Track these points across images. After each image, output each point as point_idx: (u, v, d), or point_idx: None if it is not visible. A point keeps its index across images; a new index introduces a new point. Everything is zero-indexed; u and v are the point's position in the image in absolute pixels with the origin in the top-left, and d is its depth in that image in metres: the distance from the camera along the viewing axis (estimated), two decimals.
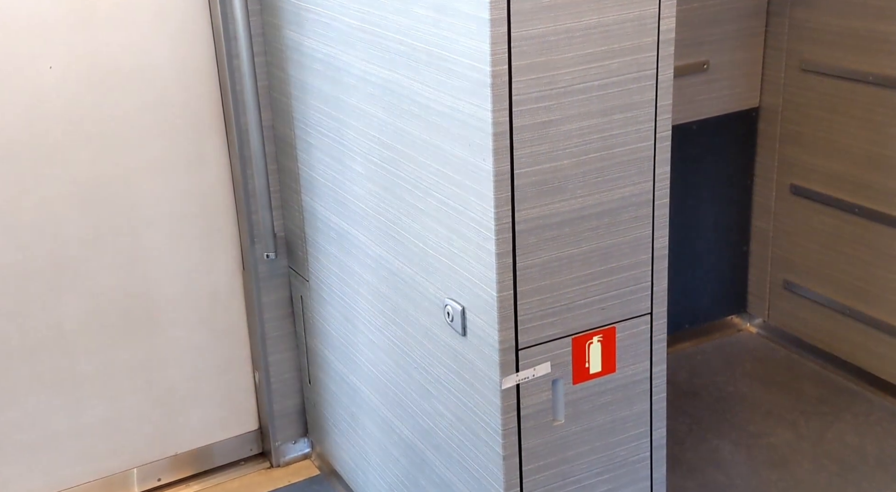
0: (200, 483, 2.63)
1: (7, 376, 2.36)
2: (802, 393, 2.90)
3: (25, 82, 2.21)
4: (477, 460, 1.83)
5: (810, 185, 2.96)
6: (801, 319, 3.09)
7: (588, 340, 1.75)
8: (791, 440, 2.68)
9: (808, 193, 2.97)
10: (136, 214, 2.40)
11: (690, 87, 2.93)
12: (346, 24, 1.95)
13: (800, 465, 2.58)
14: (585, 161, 1.65)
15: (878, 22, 2.65)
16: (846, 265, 2.91)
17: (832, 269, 2.95)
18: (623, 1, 1.61)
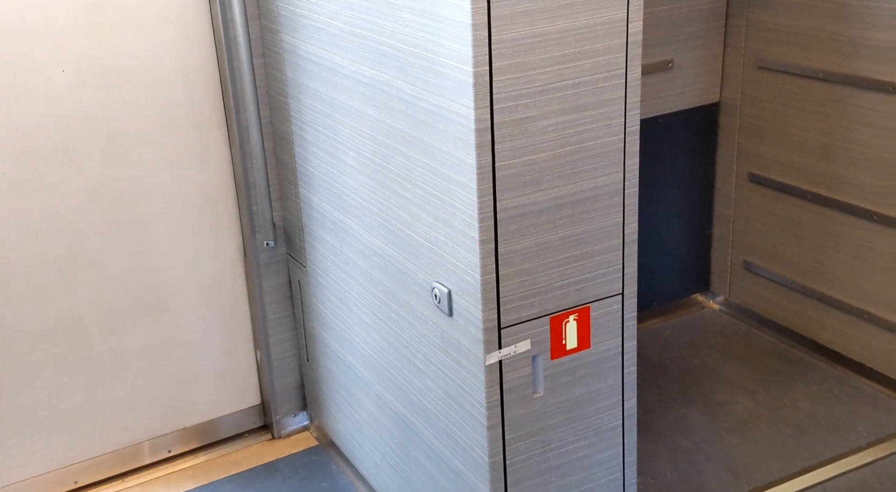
0: (207, 454, 2.64)
1: (28, 357, 2.36)
2: (761, 364, 2.93)
3: (40, 84, 2.19)
4: (463, 430, 1.84)
5: (767, 173, 2.98)
6: (760, 296, 3.12)
7: (565, 318, 1.76)
8: (751, 407, 2.71)
9: (764, 181, 2.99)
10: (144, 206, 2.40)
11: (656, 84, 2.93)
12: (338, 28, 1.94)
13: (759, 429, 2.61)
14: (561, 154, 1.66)
15: (828, 22, 2.66)
16: (800, 247, 2.92)
17: (787, 250, 2.97)
18: (594, 6, 1.61)
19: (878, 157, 2.62)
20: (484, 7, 1.50)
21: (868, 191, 2.67)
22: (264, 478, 2.53)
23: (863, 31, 2.57)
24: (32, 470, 2.45)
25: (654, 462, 2.48)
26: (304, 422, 2.74)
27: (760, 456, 2.50)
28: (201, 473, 2.56)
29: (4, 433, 2.39)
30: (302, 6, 2.07)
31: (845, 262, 2.79)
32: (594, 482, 1.91)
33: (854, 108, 2.66)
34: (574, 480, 1.88)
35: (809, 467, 2.45)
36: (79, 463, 2.50)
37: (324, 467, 2.56)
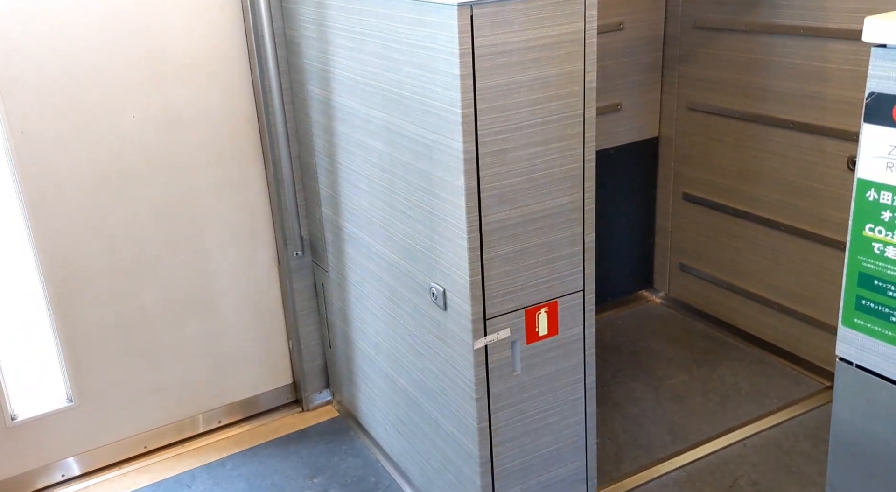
0: (250, 424, 2.61)
1: (105, 346, 2.33)
2: (694, 346, 2.92)
3: (115, 127, 2.17)
4: (456, 402, 1.82)
5: (696, 192, 2.98)
6: (692, 291, 3.11)
7: (537, 311, 1.75)
8: (686, 381, 2.70)
9: (695, 198, 2.99)
10: (197, 224, 2.38)
11: (608, 123, 2.93)
12: (352, 79, 1.93)
13: (693, 399, 2.60)
14: (532, 178, 1.65)
15: (743, 74, 2.67)
16: (723, 251, 2.93)
17: (713, 254, 2.97)
18: (557, 61, 1.61)
19: (783, 179, 2.63)
20: (469, 62, 1.50)
21: (775, 206, 2.68)
22: (296, 443, 2.50)
23: (770, 80, 2.59)
24: (110, 437, 2.42)
25: (610, 426, 2.47)
26: (327, 397, 2.71)
27: (695, 420, 2.49)
28: (245, 439, 2.53)
29: (88, 408, 2.35)
30: (323, 62, 2.06)
31: (758, 262, 2.79)
32: (563, 443, 1.89)
33: (763, 141, 2.67)
34: (546, 440, 1.86)
35: (733, 427, 2.44)
36: (147, 432, 2.47)
37: (344, 434, 2.53)
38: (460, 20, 1.46)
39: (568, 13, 1.59)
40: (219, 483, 2.32)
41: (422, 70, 1.61)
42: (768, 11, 2.53)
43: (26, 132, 2.07)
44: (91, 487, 2.35)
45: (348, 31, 1.88)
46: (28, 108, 2.05)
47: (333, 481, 2.30)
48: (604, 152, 2.95)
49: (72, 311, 2.25)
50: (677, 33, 2.89)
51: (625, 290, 3.25)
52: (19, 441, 2.28)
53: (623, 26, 2.85)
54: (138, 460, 2.44)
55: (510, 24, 1.52)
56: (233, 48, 2.28)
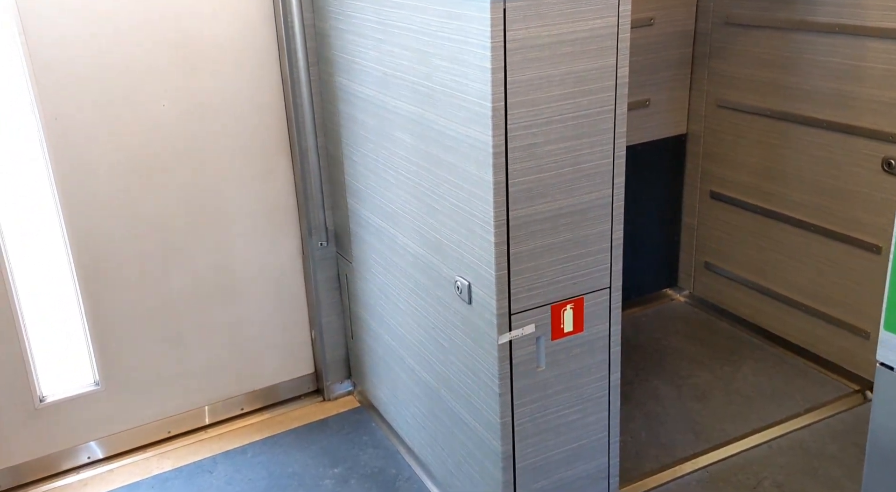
0: (271, 412, 2.62)
1: (132, 331, 2.35)
2: (717, 346, 2.89)
3: (146, 116, 2.19)
4: (479, 396, 1.81)
5: (723, 191, 2.94)
6: (717, 290, 3.08)
7: (563, 307, 1.73)
8: (709, 380, 2.67)
9: (722, 197, 2.95)
10: (224, 212, 2.39)
11: (636, 118, 2.90)
12: (381, 72, 1.92)
13: (715, 398, 2.57)
14: (562, 173, 1.63)
15: (773, 72, 2.63)
16: (750, 250, 2.89)
17: (739, 253, 2.93)
18: (590, 55, 1.58)
19: (812, 179, 2.58)
20: (501, 55, 1.48)
21: (804, 206, 2.63)
22: (317, 432, 2.51)
23: (802, 78, 2.54)
24: (134, 422, 2.44)
25: (632, 424, 2.45)
26: (348, 388, 2.72)
27: (717, 420, 2.46)
28: (266, 427, 2.55)
29: (113, 392, 2.38)
30: (353, 54, 2.05)
31: (785, 262, 2.75)
32: (585, 440, 1.88)
33: (794, 139, 2.62)
34: (569, 437, 1.85)
35: (757, 428, 2.41)
36: (171, 416, 2.49)
37: (365, 425, 2.53)
38: (493, 13, 1.45)
39: (601, 8, 1.57)
40: (240, 470, 2.34)
41: (452, 63, 1.59)
42: (803, 8, 2.48)
43: (59, 118, 2.09)
44: (115, 470, 2.37)
45: (379, 23, 1.87)
46: (61, 96, 2.07)
47: (354, 472, 2.31)
48: (631, 148, 2.92)
49: (100, 296, 2.27)
50: (708, 29, 2.85)
51: (649, 288, 3.21)
52: (47, 423, 2.31)
53: (653, 22, 2.81)
54: (161, 445, 2.47)
55: (543, 18, 1.51)
56: (263, 39, 2.28)
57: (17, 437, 2.28)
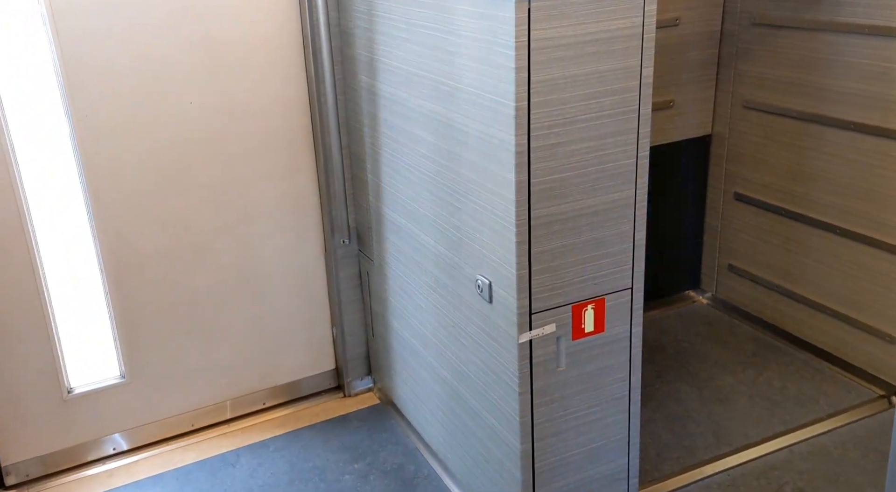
0: (293, 407, 2.65)
1: (158, 325, 2.38)
2: (740, 348, 2.86)
3: (173, 114, 2.22)
4: (499, 395, 1.82)
5: (748, 192, 2.91)
6: (741, 293, 3.04)
7: (584, 307, 1.73)
8: (732, 383, 2.64)
9: (746, 198, 2.92)
10: (249, 210, 2.41)
11: (660, 119, 2.88)
12: (405, 71, 1.93)
13: (738, 401, 2.54)
14: (585, 173, 1.63)
15: (799, 72, 2.59)
16: (774, 253, 2.85)
17: (764, 255, 2.90)
18: (615, 55, 1.58)
19: (840, 181, 2.55)
20: (525, 55, 1.48)
21: (831, 208, 2.60)
22: (337, 428, 2.53)
23: (831, 80, 2.51)
24: (159, 414, 2.48)
25: (653, 426, 2.43)
26: (369, 384, 2.73)
27: (739, 423, 2.43)
28: (288, 421, 2.57)
29: (138, 385, 2.42)
30: (377, 53, 2.06)
31: (811, 265, 2.71)
32: (605, 440, 1.87)
33: (821, 141, 2.58)
34: (588, 437, 1.85)
35: (779, 432, 2.38)
36: (194, 410, 2.53)
37: (385, 421, 2.55)
38: (518, 13, 1.45)
39: (627, 7, 1.56)
40: (262, 464, 2.36)
41: (476, 62, 1.60)
42: (832, 9, 2.45)
43: (90, 117, 2.12)
44: (139, 461, 2.41)
45: (403, 22, 1.88)
46: (92, 95, 2.11)
47: (373, 468, 2.32)
48: (655, 149, 2.90)
49: (127, 290, 2.31)
50: (735, 30, 2.82)
51: (671, 289, 3.19)
52: (74, 414, 2.35)
53: (679, 22, 2.79)
54: (185, 438, 2.50)
55: (568, 18, 1.50)
56: (288, 38, 2.30)
57: (47, 427, 2.32)
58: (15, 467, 2.32)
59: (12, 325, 2.19)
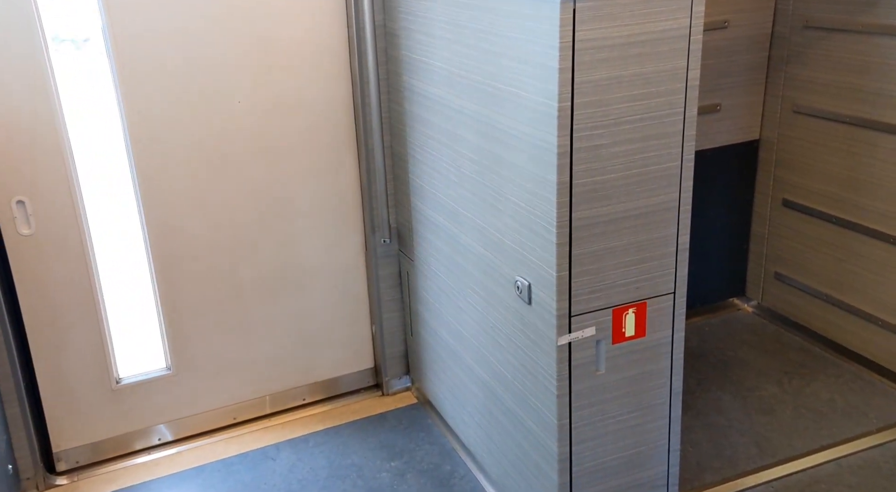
0: (331, 404, 2.67)
1: (203, 319, 2.43)
2: (787, 359, 2.78)
3: (221, 112, 2.26)
4: (537, 397, 1.80)
5: (798, 199, 2.83)
6: (788, 301, 2.97)
7: (625, 311, 1.71)
8: (777, 394, 2.58)
9: (796, 205, 2.85)
10: (291, 207, 2.44)
11: (706, 123, 2.83)
12: (448, 71, 1.94)
13: (784, 412, 2.48)
14: (627, 175, 1.61)
15: (853, 76, 2.52)
16: (824, 261, 2.77)
17: (813, 264, 2.82)
18: (661, 57, 1.56)
19: (893, 188, 2.46)
20: (569, 55, 1.47)
21: (884, 216, 2.51)
22: (375, 426, 2.54)
23: (885, 84, 2.43)
24: (203, 406, 2.53)
25: (693, 434, 2.39)
26: (406, 384, 2.74)
27: (784, 435, 2.37)
28: (327, 418, 2.60)
29: (183, 377, 2.47)
30: (421, 54, 2.07)
31: (862, 275, 2.63)
32: (644, 447, 1.84)
33: (875, 147, 2.50)
34: (627, 443, 1.82)
35: (826, 445, 2.31)
36: (236, 403, 2.57)
37: (422, 421, 2.55)
38: (563, 13, 1.44)
39: (674, 9, 1.54)
40: (302, 458, 2.39)
41: (519, 63, 1.59)
42: (887, 12, 2.37)
43: (142, 113, 2.18)
44: (183, 452, 2.46)
45: (448, 23, 1.89)
46: (145, 92, 2.16)
47: (410, 466, 2.33)
48: (700, 153, 2.85)
49: (174, 283, 2.36)
50: (786, 33, 2.75)
51: (715, 296, 3.13)
52: (122, 404, 2.42)
53: (728, 24, 2.73)
54: (227, 431, 2.54)
55: (614, 19, 1.49)
56: (335, 39, 2.33)
57: (97, 415, 2.39)
58: (65, 454, 2.39)
59: (66, 316, 2.26)
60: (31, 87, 2.03)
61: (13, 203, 2.11)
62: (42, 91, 2.04)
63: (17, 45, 1.99)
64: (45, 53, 2.02)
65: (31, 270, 2.18)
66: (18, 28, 1.98)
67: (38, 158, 2.10)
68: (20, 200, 2.12)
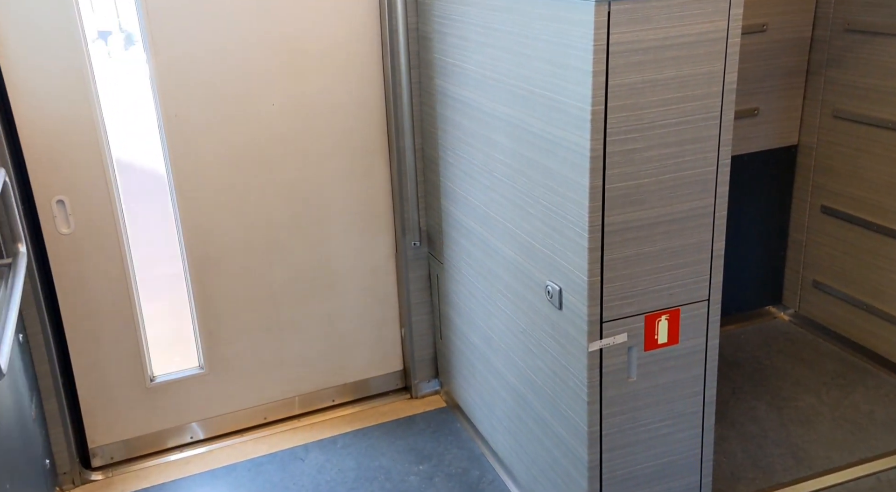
0: (360, 405, 2.68)
1: (236, 319, 2.46)
2: (825, 369, 2.71)
3: (255, 115, 2.29)
4: (567, 403, 1.78)
5: (837, 206, 2.76)
6: (826, 310, 2.89)
7: (657, 318, 1.68)
8: (814, 404, 2.51)
9: (835, 212, 2.78)
10: (323, 209, 2.46)
11: (744, 128, 2.78)
12: (480, 74, 1.93)
13: (821, 424, 2.42)
14: (662, 180, 1.58)
15: (894, 81, 2.45)
16: (863, 270, 2.70)
17: (852, 272, 2.75)
18: (697, 60, 1.53)
19: None
20: (603, 58, 1.46)
21: None
22: (404, 428, 2.54)
23: None
24: (234, 405, 2.55)
25: (727, 444, 2.34)
26: (435, 387, 2.74)
27: (822, 446, 2.31)
28: (356, 419, 2.60)
29: (216, 376, 2.50)
30: (453, 57, 2.07)
31: None
32: (676, 456, 1.81)
33: None
34: (659, 451, 1.79)
35: (866, 458, 2.24)
36: (268, 403, 2.59)
37: (450, 425, 2.54)
38: (597, 16, 1.43)
39: (711, 11, 1.51)
40: (330, 459, 2.40)
41: (553, 66, 1.58)
42: None
43: (178, 116, 2.22)
44: (215, 450, 2.49)
45: (481, 27, 1.88)
46: (181, 95, 2.20)
47: (438, 470, 2.32)
48: (737, 158, 2.80)
49: (207, 284, 2.39)
50: (826, 36, 2.69)
51: (750, 304, 3.06)
52: (156, 401, 2.45)
53: (766, 27, 2.68)
54: (258, 430, 2.57)
55: (649, 21, 1.47)
56: (368, 44, 2.34)
57: (131, 412, 2.43)
58: (101, 450, 2.43)
59: (102, 314, 2.30)
60: (72, 88, 2.08)
61: (54, 202, 2.16)
62: (82, 93, 2.09)
63: (59, 48, 2.04)
64: (86, 56, 2.06)
65: (70, 268, 2.23)
66: (60, 31, 2.03)
67: (79, 158, 2.15)
68: (60, 200, 2.17)
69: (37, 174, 2.12)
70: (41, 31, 2.01)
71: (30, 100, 2.05)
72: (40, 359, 2.21)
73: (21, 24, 1.99)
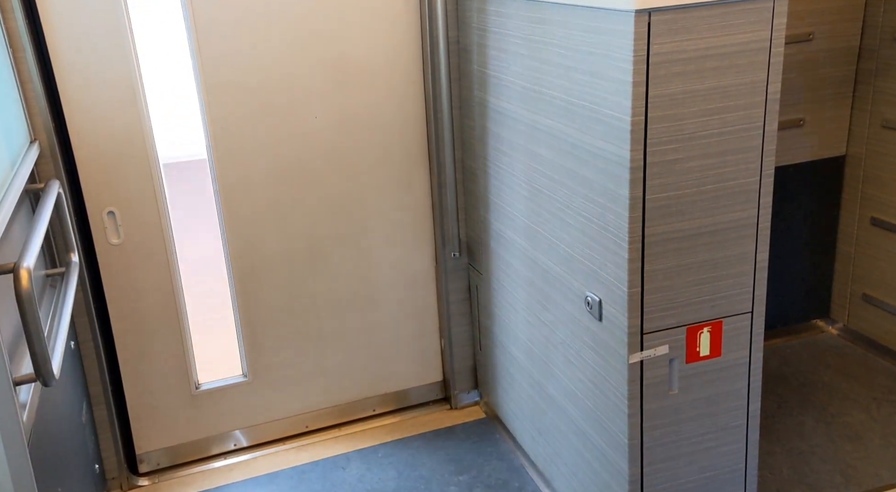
0: (401, 415, 2.69)
1: (278, 328, 2.50)
2: (875, 384, 2.63)
3: (298, 128, 2.34)
4: (608, 416, 1.77)
5: (887, 218, 2.69)
6: (876, 324, 2.81)
7: (699, 330, 1.66)
8: (864, 421, 2.44)
9: (886, 224, 2.70)
10: (365, 221, 2.49)
11: (789, 138, 2.73)
12: (520, 86, 1.94)
13: (871, 441, 2.34)
14: (703, 191, 1.57)
15: None
16: None
17: None
18: (739, 70, 1.52)
19: None
20: (644, 69, 1.46)
21: None
22: (443, 439, 2.54)
23: None
24: (277, 414, 2.59)
25: (772, 460, 2.29)
26: (475, 398, 2.74)
27: (871, 464, 2.24)
28: (396, 429, 2.62)
29: (259, 385, 2.54)
30: (493, 69, 2.09)
31: None
32: (720, 470, 1.78)
33: None
34: (702, 466, 1.76)
35: None
36: (309, 412, 2.62)
37: (490, 435, 2.54)
38: (637, 27, 1.43)
39: (753, 21, 1.50)
40: (371, 468, 2.42)
41: (593, 77, 1.58)
42: None
43: (224, 129, 2.28)
44: (258, 458, 2.53)
45: (521, 38, 1.90)
46: (227, 109, 2.26)
47: (478, 481, 2.32)
48: (782, 170, 2.75)
49: (252, 294, 2.44)
50: (875, 45, 2.63)
51: (796, 317, 3.00)
52: (200, 409, 2.51)
53: (812, 37, 2.64)
54: (299, 439, 2.60)
55: (690, 32, 1.46)
56: (409, 57, 2.37)
57: (176, 420, 2.49)
58: (148, 456, 2.49)
59: (150, 323, 2.37)
60: (124, 104, 2.16)
61: (104, 214, 2.24)
62: (132, 106, 2.16)
63: (112, 60, 2.12)
64: (136, 69, 2.14)
65: (119, 278, 2.30)
66: (112, 43, 2.11)
67: (129, 171, 2.22)
68: (111, 211, 2.24)
69: (89, 186, 2.20)
70: (95, 47, 2.09)
71: (84, 115, 2.13)
72: (91, 366, 2.28)
73: (75, 39, 2.07)
